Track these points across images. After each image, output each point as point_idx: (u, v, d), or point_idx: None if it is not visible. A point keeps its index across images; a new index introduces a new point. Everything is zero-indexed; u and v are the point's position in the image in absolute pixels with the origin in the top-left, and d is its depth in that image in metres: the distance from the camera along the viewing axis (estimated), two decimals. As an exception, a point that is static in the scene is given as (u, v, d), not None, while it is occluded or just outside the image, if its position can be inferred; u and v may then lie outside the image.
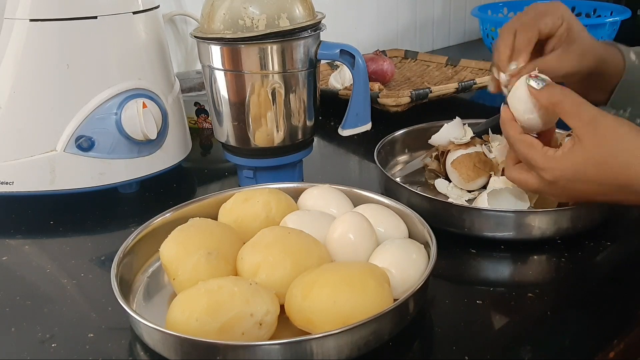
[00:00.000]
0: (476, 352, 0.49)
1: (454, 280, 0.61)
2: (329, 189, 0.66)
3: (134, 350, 0.51)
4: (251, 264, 0.54)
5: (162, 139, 0.77)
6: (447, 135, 0.76)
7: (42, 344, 0.52)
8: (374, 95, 0.98)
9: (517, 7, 1.48)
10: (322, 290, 0.48)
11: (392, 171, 0.81)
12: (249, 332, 0.47)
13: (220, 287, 0.48)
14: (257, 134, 0.73)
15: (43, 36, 0.70)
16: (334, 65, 1.24)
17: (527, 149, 0.59)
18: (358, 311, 0.47)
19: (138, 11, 0.74)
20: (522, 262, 0.63)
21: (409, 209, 0.61)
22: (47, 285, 0.61)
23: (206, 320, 0.46)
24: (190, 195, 0.78)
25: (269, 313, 0.48)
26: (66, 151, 0.72)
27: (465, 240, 0.65)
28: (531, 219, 0.62)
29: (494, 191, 0.67)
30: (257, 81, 0.70)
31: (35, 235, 0.71)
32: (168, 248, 0.56)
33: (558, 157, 0.57)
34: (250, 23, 0.67)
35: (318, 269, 0.51)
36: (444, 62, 1.31)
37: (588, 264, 0.62)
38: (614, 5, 1.37)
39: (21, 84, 0.71)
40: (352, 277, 0.49)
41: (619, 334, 0.51)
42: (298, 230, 0.57)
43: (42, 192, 0.73)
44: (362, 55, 0.71)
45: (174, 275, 0.54)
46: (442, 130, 0.77)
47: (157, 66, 0.77)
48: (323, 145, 0.96)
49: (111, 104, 0.72)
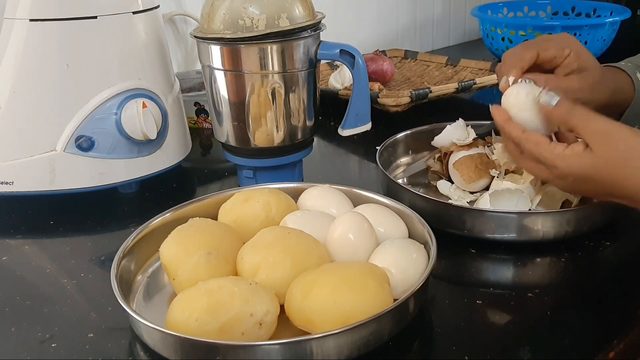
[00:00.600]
0: (476, 352, 0.49)
1: (454, 280, 0.61)
2: (328, 189, 0.66)
3: (134, 350, 0.51)
4: (251, 264, 0.54)
5: (162, 139, 0.77)
6: (450, 137, 0.76)
7: (42, 344, 0.52)
8: (374, 95, 0.98)
9: (517, 7, 1.48)
10: (322, 290, 0.48)
11: (393, 173, 0.81)
12: (248, 332, 0.47)
13: (220, 287, 0.48)
14: (257, 134, 0.72)
15: (43, 36, 0.70)
16: (334, 65, 1.24)
17: (535, 146, 0.60)
18: (358, 311, 0.47)
19: (138, 11, 0.74)
20: (522, 262, 0.63)
21: (409, 209, 0.61)
22: (47, 285, 0.61)
23: (206, 320, 0.46)
24: (190, 195, 0.78)
25: (269, 313, 0.48)
26: (66, 151, 0.72)
27: (465, 241, 0.64)
28: (532, 221, 0.62)
29: (496, 192, 0.67)
30: (257, 81, 0.70)
31: (35, 235, 0.71)
32: (168, 248, 0.56)
33: (567, 157, 0.57)
34: (250, 23, 0.67)
35: (318, 269, 0.51)
36: (443, 62, 1.31)
37: (588, 264, 0.62)
38: (614, 5, 1.37)
39: (21, 84, 0.71)
40: (352, 277, 0.49)
41: (619, 334, 0.51)
42: (298, 230, 0.57)
43: (42, 192, 0.73)
44: (362, 55, 0.71)
45: (173, 275, 0.54)
46: (445, 131, 0.77)
47: (157, 66, 0.77)
48: (323, 145, 0.96)
49: (111, 104, 0.72)
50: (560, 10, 1.46)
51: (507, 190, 0.66)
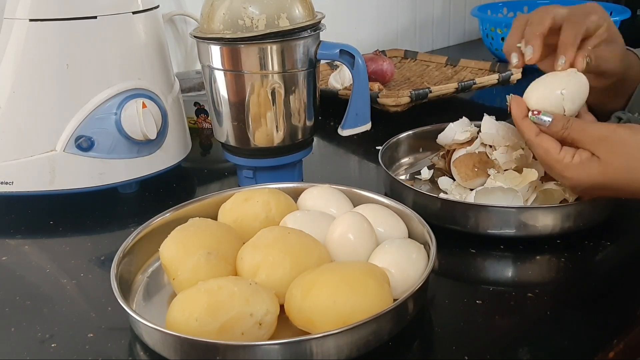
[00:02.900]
0: (476, 352, 0.49)
1: (454, 280, 0.61)
2: (328, 189, 0.66)
3: (134, 350, 0.51)
4: (251, 264, 0.54)
5: (161, 139, 0.77)
6: (452, 135, 0.76)
7: (42, 344, 0.52)
8: (374, 95, 0.98)
9: (517, 7, 1.48)
10: (322, 290, 0.48)
11: (395, 172, 0.81)
12: (248, 332, 0.47)
13: (220, 287, 0.48)
14: (257, 134, 0.73)
15: (43, 36, 0.70)
16: (334, 65, 1.24)
17: (545, 154, 0.60)
18: (358, 311, 0.47)
19: (138, 11, 0.74)
20: (521, 262, 0.63)
21: (408, 209, 0.61)
22: (47, 285, 0.61)
23: (206, 320, 0.46)
24: (190, 195, 0.78)
25: (269, 313, 0.48)
26: (66, 151, 0.72)
27: (465, 240, 0.65)
28: (531, 216, 0.62)
29: (484, 190, 0.67)
30: (257, 81, 0.70)
31: (35, 235, 0.71)
32: (168, 248, 0.56)
33: (575, 167, 0.58)
34: (250, 23, 0.67)
35: (318, 269, 0.51)
36: (443, 62, 1.31)
37: (588, 264, 0.62)
38: (614, 5, 1.37)
39: (21, 84, 0.71)
40: (352, 277, 0.49)
41: (619, 334, 0.51)
42: (298, 230, 0.57)
43: (41, 192, 0.73)
44: (361, 55, 0.71)
45: (173, 275, 0.54)
46: (447, 129, 0.77)
47: (156, 66, 0.77)
48: (323, 145, 0.96)
49: (111, 104, 0.72)
50: (560, 10, 1.45)
51: (500, 188, 0.66)
